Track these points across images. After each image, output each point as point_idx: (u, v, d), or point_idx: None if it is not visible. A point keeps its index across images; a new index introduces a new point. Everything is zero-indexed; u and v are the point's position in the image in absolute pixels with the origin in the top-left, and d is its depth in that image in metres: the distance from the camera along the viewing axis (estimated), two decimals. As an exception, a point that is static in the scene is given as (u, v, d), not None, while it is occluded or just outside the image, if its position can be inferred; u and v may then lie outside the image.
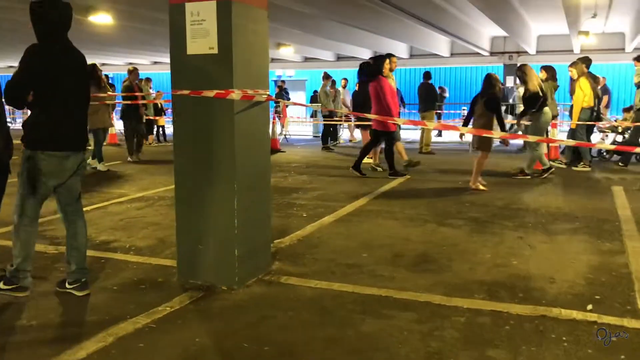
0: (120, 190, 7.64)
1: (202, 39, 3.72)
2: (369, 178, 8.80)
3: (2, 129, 3.18)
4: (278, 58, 22.21)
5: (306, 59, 22.74)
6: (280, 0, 10.39)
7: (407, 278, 4.08)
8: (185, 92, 3.80)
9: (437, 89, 14.74)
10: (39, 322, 3.32)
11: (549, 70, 10.04)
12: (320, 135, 14.58)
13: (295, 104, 5.90)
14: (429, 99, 13.39)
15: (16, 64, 3.59)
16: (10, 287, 3.63)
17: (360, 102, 10.33)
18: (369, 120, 8.93)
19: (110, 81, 17.12)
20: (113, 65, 25.44)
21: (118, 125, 18.00)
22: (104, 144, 10.03)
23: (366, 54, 20.46)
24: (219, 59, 3.69)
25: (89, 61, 4.38)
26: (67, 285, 3.77)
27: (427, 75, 13.69)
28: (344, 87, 15.82)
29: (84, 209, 6.57)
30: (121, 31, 12.64)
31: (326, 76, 14.53)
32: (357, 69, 10.66)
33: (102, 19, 10.95)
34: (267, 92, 4.06)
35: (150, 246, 4.88)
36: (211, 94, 3.71)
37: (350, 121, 14.43)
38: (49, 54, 3.49)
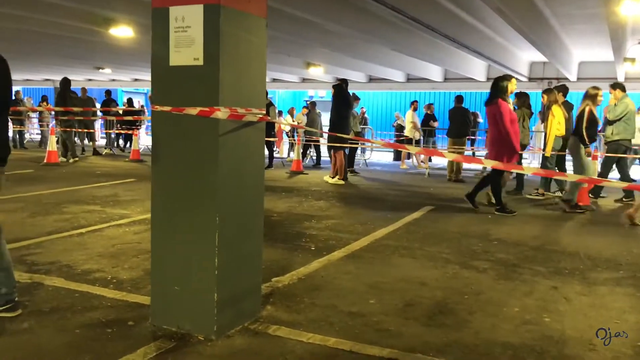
0: (123, 211, 7.20)
1: (186, 49, 3.22)
2: (393, 207, 8.18)
3: None
4: (309, 78, 21.84)
5: (337, 80, 22.31)
6: (310, 16, 9.98)
7: (417, 334, 3.46)
8: (166, 108, 3.30)
9: (470, 113, 14.08)
10: (-27, 373, 2.82)
11: (522, 96, 10.20)
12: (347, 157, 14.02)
13: (296, 125, 5.37)
14: (462, 124, 12.75)
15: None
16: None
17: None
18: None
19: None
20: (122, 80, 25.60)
21: (145, 141, 17.94)
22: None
23: (398, 76, 19.97)
24: (204, 72, 3.19)
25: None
26: None
27: (459, 99, 13.06)
28: (415, 110, 15.38)
29: (80, 230, 6.28)
30: (142, 45, 12.37)
31: (354, 97, 14.01)
32: (389, 91, 10.13)
33: (122, 32, 10.68)
34: (262, 112, 3.53)
35: (134, 279, 4.37)
36: (194, 111, 3.20)
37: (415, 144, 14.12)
38: None
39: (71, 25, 10.68)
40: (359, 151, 15.54)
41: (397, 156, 18.90)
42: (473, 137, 17.01)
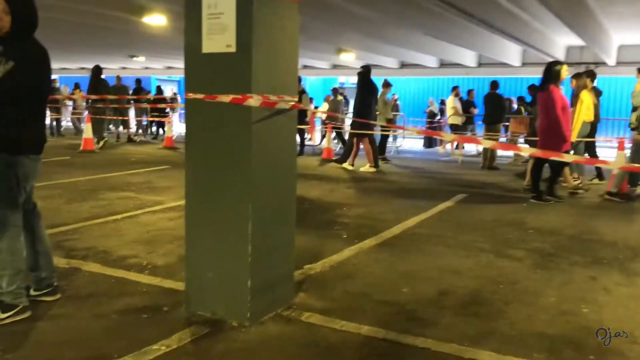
0: (158, 198, 7.29)
1: (219, 36, 3.21)
2: (426, 195, 8.10)
3: None
4: (340, 64, 21.71)
5: (361, 67, 22.12)
6: (342, 1, 9.89)
7: (451, 324, 3.42)
8: (200, 96, 3.31)
9: (505, 100, 13.81)
10: (13, 355, 2.89)
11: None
12: (378, 145, 13.92)
13: (325, 112, 5.32)
14: (497, 110, 12.51)
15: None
16: (12, 312, 3.22)
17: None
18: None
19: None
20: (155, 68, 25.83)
21: (179, 129, 18.13)
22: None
23: (431, 62, 19.70)
24: (236, 59, 3.18)
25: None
26: (32, 293, 3.49)
27: (494, 84, 12.81)
28: (456, 95, 15.18)
29: (116, 217, 6.38)
30: (175, 33, 12.45)
31: (386, 84, 13.86)
32: (422, 77, 10.00)
33: (156, 20, 10.76)
34: (295, 99, 3.51)
35: (169, 265, 4.42)
36: (227, 99, 3.20)
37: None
38: None
39: (107, 14, 10.80)
40: (390, 138, 15.42)
41: (429, 143, 18.71)
42: (507, 124, 16.71)
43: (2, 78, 3.05)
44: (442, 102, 20.41)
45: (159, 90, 19.77)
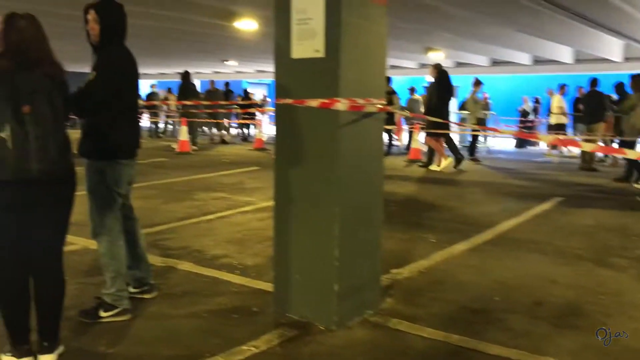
0: (248, 198, 7.47)
1: (308, 41, 3.24)
2: (519, 198, 7.80)
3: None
4: (427, 63, 21.34)
5: (458, 64, 21.61)
6: (431, 1, 9.71)
7: (546, 335, 3.26)
8: (288, 101, 3.35)
9: (605, 97, 13.02)
10: (117, 349, 3.05)
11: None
12: (468, 145, 13.58)
13: (413, 115, 5.22)
14: (598, 109, 11.83)
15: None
16: (112, 312, 3.39)
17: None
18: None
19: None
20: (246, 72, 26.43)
21: (269, 130, 18.54)
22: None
23: (524, 59, 18.95)
24: (325, 63, 3.19)
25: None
26: (131, 290, 3.64)
27: (594, 82, 12.12)
28: (562, 94, 14.63)
29: (209, 216, 6.60)
30: (265, 37, 12.72)
31: (477, 82, 13.49)
32: (514, 74, 9.62)
33: (247, 25, 11.05)
34: (382, 102, 3.48)
35: (258, 266, 4.52)
36: (315, 103, 3.22)
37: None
38: None
39: (200, 20, 11.21)
40: (480, 138, 14.98)
41: (520, 143, 17.99)
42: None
43: (85, 88, 3.15)
44: (537, 101, 19.55)
45: (246, 94, 20.34)
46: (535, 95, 20.52)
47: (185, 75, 14.43)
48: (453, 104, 14.05)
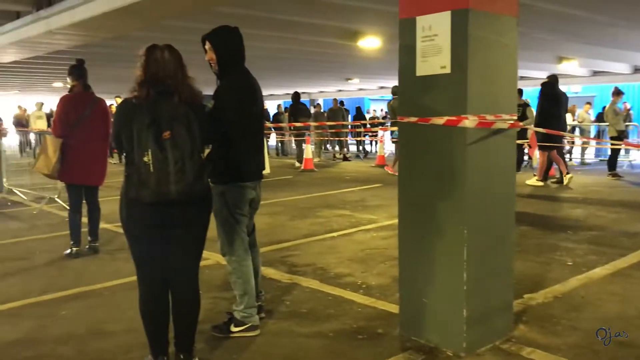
0: (371, 216, 7.46)
1: (433, 57, 3.17)
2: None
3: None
4: (560, 73, 20.19)
5: (594, 73, 20.22)
6: (565, 8, 9.21)
7: None
8: (412, 119, 3.29)
9: None
10: (245, 365, 3.14)
11: None
12: (607, 159, 12.60)
13: (548, 131, 4.91)
14: None
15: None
16: (242, 327, 3.49)
17: None
18: None
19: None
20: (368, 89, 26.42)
21: (390, 147, 18.50)
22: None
23: (672, 64, 17.36)
24: (451, 80, 3.10)
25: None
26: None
27: None
28: None
29: (332, 234, 6.67)
30: (389, 53, 12.73)
31: (617, 92, 12.50)
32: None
33: (370, 43, 11.13)
34: (514, 117, 3.31)
35: (382, 286, 4.46)
36: (440, 121, 3.13)
37: None
38: None
39: (324, 41, 11.48)
40: (622, 152, 13.84)
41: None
42: None
43: (208, 116, 3.20)
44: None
45: (359, 112, 20.58)
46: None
47: (295, 97, 14.91)
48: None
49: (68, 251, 5.55)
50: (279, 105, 21.48)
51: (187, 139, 2.71)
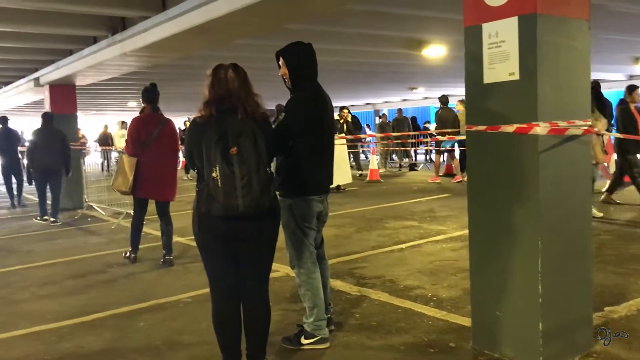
0: (440, 227, 7.34)
1: (500, 64, 3.10)
2: None
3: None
4: (637, 75, 19.27)
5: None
6: (634, 6, 8.79)
7: None
8: (481, 127, 3.23)
9: None
10: (315, 377, 3.15)
11: None
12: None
13: (625, 136, 4.67)
14: None
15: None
16: (312, 340, 3.50)
17: None
18: None
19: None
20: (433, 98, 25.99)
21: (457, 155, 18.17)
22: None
23: None
24: (520, 86, 3.03)
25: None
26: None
27: None
28: None
29: (400, 245, 6.60)
30: (454, 61, 12.54)
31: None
32: None
33: (435, 51, 11.01)
34: (587, 123, 3.19)
35: (453, 298, 4.38)
36: (510, 129, 3.06)
37: None
38: None
39: (388, 52, 11.44)
40: None
41: None
42: None
43: (275, 130, 3.28)
44: None
45: (414, 121, 20.41)
46: None
47: (341, 109, 15.17)
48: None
49: (127, 254, 6.09)
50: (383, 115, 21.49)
51: (253, 153, 2.77)
